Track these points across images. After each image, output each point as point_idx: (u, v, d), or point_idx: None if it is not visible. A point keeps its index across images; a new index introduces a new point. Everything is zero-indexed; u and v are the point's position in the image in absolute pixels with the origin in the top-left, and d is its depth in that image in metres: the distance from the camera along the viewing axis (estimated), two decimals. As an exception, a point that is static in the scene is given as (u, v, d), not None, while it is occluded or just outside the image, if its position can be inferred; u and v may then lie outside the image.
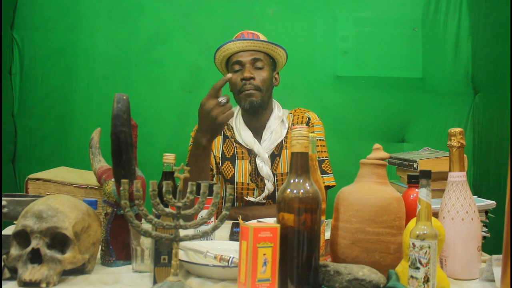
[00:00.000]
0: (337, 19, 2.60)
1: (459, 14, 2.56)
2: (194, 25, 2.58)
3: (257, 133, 1.98)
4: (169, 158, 1.35)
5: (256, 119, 1.98)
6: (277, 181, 1.97)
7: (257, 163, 1.95)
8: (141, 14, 2.57)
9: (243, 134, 1.98)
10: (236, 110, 2.02)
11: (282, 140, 1.98)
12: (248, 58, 1.93)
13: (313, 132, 1.93)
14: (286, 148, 1.98)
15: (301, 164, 1.05)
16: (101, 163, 1.37)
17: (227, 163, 2.00)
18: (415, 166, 1.63)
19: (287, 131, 1.99)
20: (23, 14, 2.54)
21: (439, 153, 1.74)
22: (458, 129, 1.24)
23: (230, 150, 1.99)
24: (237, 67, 1.94)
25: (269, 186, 1.95)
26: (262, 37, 1.97)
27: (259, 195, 1.97)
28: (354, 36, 2.59)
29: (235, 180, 1.98)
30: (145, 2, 2.58)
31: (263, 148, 1.95)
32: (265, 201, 1.97)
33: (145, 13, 2.57)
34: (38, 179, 1.63)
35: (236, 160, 1.99)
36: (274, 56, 1.99)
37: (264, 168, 1.94)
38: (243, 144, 1.97)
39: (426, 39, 2.58)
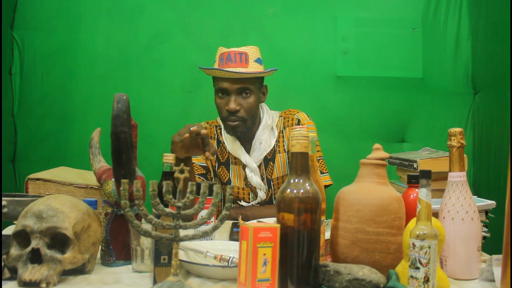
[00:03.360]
0: (337, 19, 2.59)
1: (459, 14, 2.56)
2: (194, 25, 2.58)
3: (247, 141, 1.97)
4: (169, 158, 1.35)
5: (246, 131, 1.96)
6: (273, 186, 1.97)
7: (247, 173, 1.95)
8: (141, 14, 2.57)
9: (230, 144, 1.97)
10: None
11: (274, 145, 1.97)
12: (235, 87, 1.85)
13: None
14: (279, 153, 1.98)
15: (301, 164, 1.05)
16: (101, 163, 1.37)
17: (222, 168, 2.00)
18: (415, 166, 1.63)
19: (278, 137, 1.98)
20: (23, 14, 2.54)
21: (439, 153, 1.74)
22: (458, 129, 1.24)
23: (224, 155, 2.00)
24: (221, 94, 1.89)
25: (261, 195, 1.95)
26: (251, 53, 1.87)
27: (255, 199, 1.97)
28: (354, 36, 2.59)
29: (232, 184, 1.98)
30: (145, 2, 2.58)
31: (251, 159, 1.94)
32: (258, 205, 1.97)
33: (145, 13, 2.57)
34: (38, 179, 1.63)
35: (230, 165, 1.99)
36: (262, 76, 1.93)
37: (254, 178, 1.93)
38: (232, 153, 1.97)
39: (426, 39, 2.58)
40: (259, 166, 1.96)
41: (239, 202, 1.98)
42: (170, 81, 2.58)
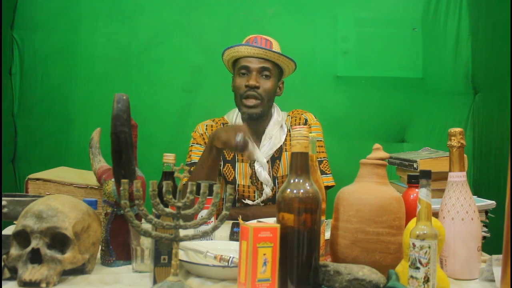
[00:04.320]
0: (337, 19, 2.60)
1: (459, 14, 2.56)
2: (194, 25, 2.58)
3: (256, 137, 1.98)
4: (169, 158, 1.35)
5: (255, 124, 1.97)
6: (278, 184, 1.97)
7: (255, 168, 1.95)
8: (141, 14, 2.57)
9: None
10: (235, 113, 2.02)
11: (282, 144, 1.98)
12: (257, 66, 1.91)
13: (310, 133, 1.93)
14: (286, 151, 1.98)
15: (301, 164, 1.05)
16: (101, 163, 1.37)
17: (228, 166, 1.99)
18: (415, 166, 1.63)
19: (286, 135, 1.99)
20: (23, 14, 2.54)
21: (439, 153, 1.75)
22: (458, 129, 1.25)
23: (230, 153, 1.99)
24: (244, 71, 1.93)
25: (267, 191, 1.95)
26: (275, 45, 1.96)
27: (260, 196, 1.97)
28: (354, 36, 2.59)
29: (237, 182, 1.98)
30: (145, 2, 2.58)
31: (261, 153, 1.94)
32: (263, 204, 1.97)
33: (145, 13, 2.57)
34: (38, 179, 1.63)
35: (236, 163, 1.99)
36: (283, 67, 1.98)
37: (263, 173, 1.94)
38: None
39: (426, 39, 2.58)
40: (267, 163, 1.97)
41: (243, 201, 1.97)
42: (170, 81, 2.58)
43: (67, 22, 2.56)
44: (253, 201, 1.97)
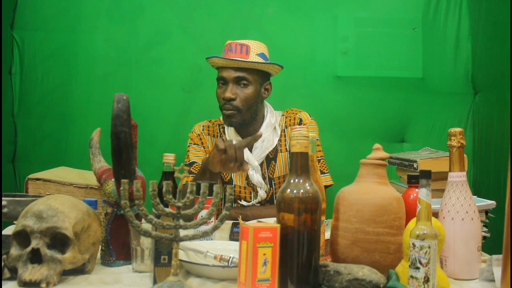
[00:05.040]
0: (337, 19, 2.59)
1: (459, 14, 2.56)
2: (194, 25, 2.58)
3: None
4: (169, 158, 1.36)
5: (247, 128, 1.97)
6: (274, 185, 1.97)
7: (248, 171, 1.95)
8: (141, 14, 2.57)
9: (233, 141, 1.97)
10: None
11: (276, 145, 1.97)
12: (232, 76, 1.89)
13: None
14: (281, 152, 1.98)
15: (301, 164, 1.05)
16: (101, 163, 1.37)
17: None
18: (415, 166, 1.63)
19: (280, 136, 1.99)
20: (23, 14, 2.54)
21: (439, 153, 1.75)
22: (458, 129, 1.25)
23: None
24: (222, 82, 1.92)
25: (261, 194, 1.94)
26: (254, 47, 1.90)
27: (256, 198, 1.97)
28: (354, 36, 2.59)
29: (233, 183, 1.98)
30: (145, 2, 2.58)
31: (253, 156, 1.94)
32: (259, 205, 1.97)
33: (145, 13, 2.57)
34: (38, 179, 1.63)
35: None
36: (263, 70, 1.94)
37: (255, 176, 1.93)
38: None
39: (426, 39, 2.58)
40: (261, 165, 1.96)
41: (239, 202, 1.98)
42: (170, 81, 2.58)
43: (67, 22, 2.56)
44: (249, 202, 1.97)
